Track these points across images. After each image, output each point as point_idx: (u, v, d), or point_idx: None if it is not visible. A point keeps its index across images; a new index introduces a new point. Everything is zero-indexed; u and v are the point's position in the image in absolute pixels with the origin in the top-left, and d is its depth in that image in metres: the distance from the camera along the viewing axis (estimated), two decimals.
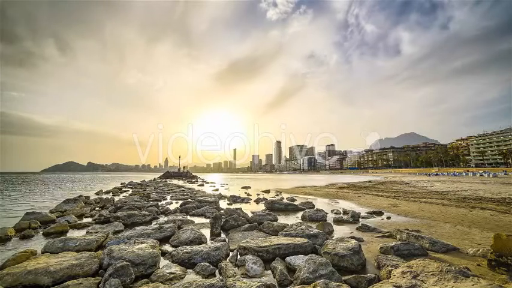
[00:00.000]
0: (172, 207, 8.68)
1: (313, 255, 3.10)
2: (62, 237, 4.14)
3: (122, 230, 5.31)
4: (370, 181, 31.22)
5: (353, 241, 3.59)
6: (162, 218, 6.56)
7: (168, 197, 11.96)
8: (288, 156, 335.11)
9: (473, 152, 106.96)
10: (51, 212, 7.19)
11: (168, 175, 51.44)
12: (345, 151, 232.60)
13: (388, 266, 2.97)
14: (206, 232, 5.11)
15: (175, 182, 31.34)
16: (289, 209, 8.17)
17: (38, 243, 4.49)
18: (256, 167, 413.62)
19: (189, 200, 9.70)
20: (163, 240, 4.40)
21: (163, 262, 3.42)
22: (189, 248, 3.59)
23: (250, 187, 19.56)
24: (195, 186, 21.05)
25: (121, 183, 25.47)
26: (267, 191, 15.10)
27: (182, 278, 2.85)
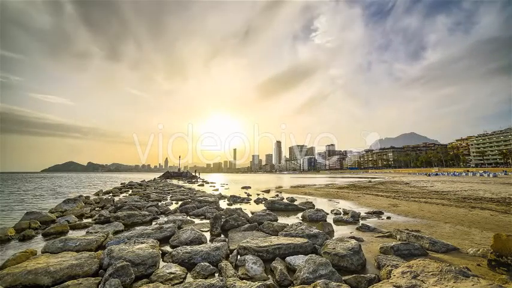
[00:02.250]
0: (172, 207, 8.68)
1: (313, 255, 3.10)
2: (62, 237, 4.14)
3: (122, 230, 5.30)
4: (370, 181, 31.22)
5: (353, 241, 3.59)
6: (162, 218, 6.56)
7: (168, 197, 11.96)
8: (288, 156, 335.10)
9: (473, 152, 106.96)
10: (51, 212, 7.19)
11: (168, 175, 51.42)
12: (345, 151, 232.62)
13: (388, 266, 2.97)
14: (206, 232, 5.11)
15: (175, 182, 31.34)
16: (289, 209, 8.17)
17: (38, 243, 4.49)
18: (256, 167, 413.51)
19: (189, 200, 9.70)
20: (163, 240, 4.39)
21: (163, 262, 3.42)
22: (189, 248, 3.59)
23: (250, 187, 19.55)
24: (195, 186, 21.04)
25: (121, 183, 25.47)
26: (267, 191, 15.09)
27: (182, 278, 2.85)
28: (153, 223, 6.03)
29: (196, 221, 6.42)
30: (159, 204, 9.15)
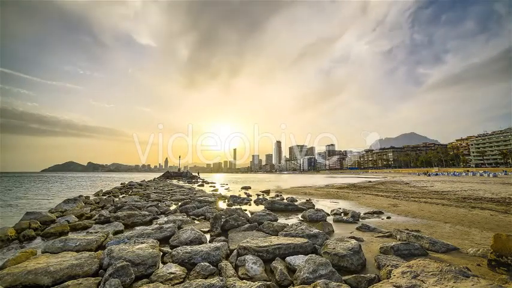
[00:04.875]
0: (172, 207, 8.68)
1: (313, 255, 3.10)
2: (62, 237, 4.14)
3: (122, 230, 5.31)
4: (370, 181, 31.22)
5: (353, 241, 3.59)
6: (162, 218, 6.55)
7: (168, 197, 11.95)
8: (288, 156, 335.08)
9: (473, 152, 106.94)
10: (51, 212, 7.19)
11: (168, 175, 51.42)
12: (345, 151, 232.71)
13: (388, 266, 2.97)
14: (206, 232, 5.11)
15: (175, 182, 31.33)
16: (289, 209, 8.17)
17: (38, 243, 4.49)
18: (256, 167, 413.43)
19: (189, 200, 9.69)
20: (163, 240, 4.39)
21: (163, 262, 3.42)
22: (189, 248, 3.58)
23: (250, 187, 19.54)
24: (195, 187, 21.04)
25: (121, 184, 25.47)
26: (267, 191, 15.08)
27: (182, 278, 2.85)
28: (153, 223, 6.02)
29: (196, 221, 6.42)
30: (159, 204, 9.14)
